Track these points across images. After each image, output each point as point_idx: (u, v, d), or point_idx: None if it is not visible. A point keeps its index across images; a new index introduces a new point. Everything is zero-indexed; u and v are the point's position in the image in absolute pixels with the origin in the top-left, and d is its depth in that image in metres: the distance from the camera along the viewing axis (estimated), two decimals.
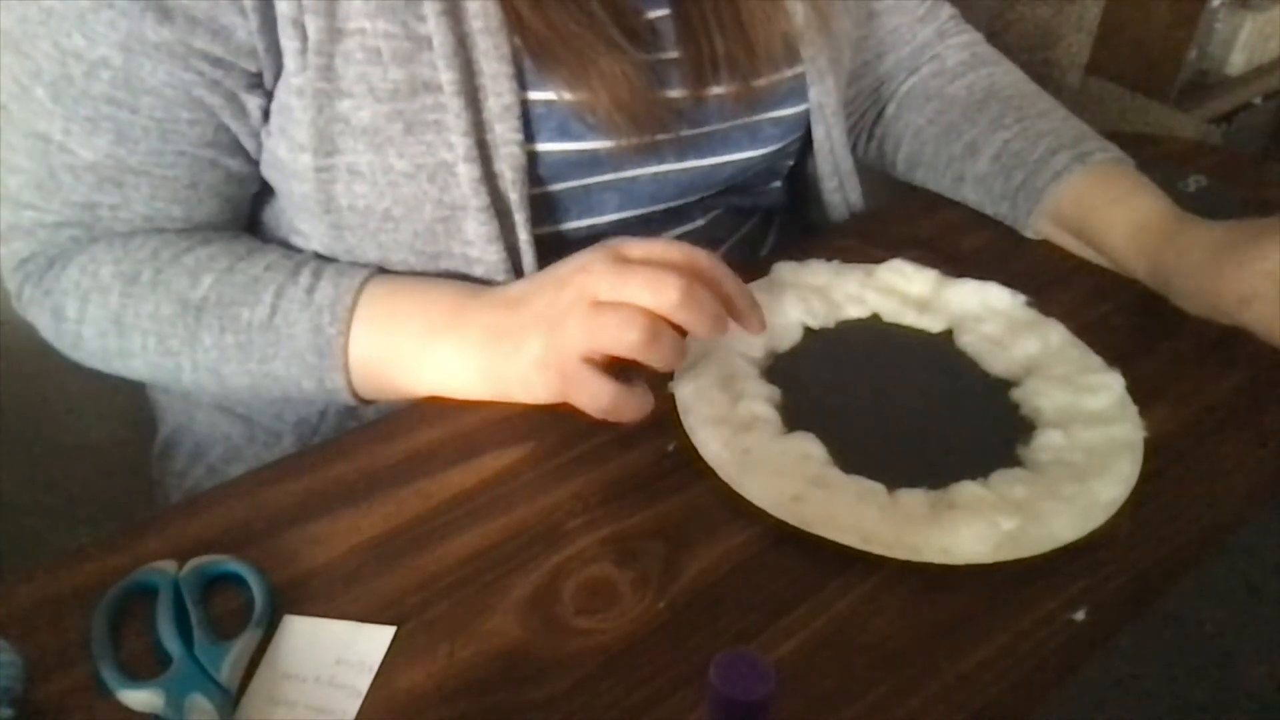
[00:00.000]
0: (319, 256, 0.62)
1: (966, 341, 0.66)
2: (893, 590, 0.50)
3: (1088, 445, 0.57)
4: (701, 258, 0.56)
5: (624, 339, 0.53)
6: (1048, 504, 0.53)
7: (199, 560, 0.49)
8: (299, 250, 0.64)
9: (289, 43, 0.56)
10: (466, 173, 0.59)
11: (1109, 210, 0.70)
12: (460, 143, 0.58)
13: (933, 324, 0.67)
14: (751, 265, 0.68)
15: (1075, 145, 0.74)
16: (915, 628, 0.48)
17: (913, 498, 0.53)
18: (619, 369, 0.55)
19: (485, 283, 0.62)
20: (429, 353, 0.58)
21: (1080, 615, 0.49)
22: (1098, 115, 0.86)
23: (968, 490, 0.54)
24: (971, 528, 0.51)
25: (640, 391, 0.55)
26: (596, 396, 0.54)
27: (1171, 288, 0.67)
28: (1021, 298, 0.68)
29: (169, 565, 0.48)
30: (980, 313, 0.67)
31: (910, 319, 0.67)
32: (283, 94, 0.59)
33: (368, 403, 0.61)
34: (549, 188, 0.64)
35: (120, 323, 0.61)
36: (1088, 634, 0.48)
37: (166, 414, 0.78)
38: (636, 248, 0.56)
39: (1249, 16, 1.69)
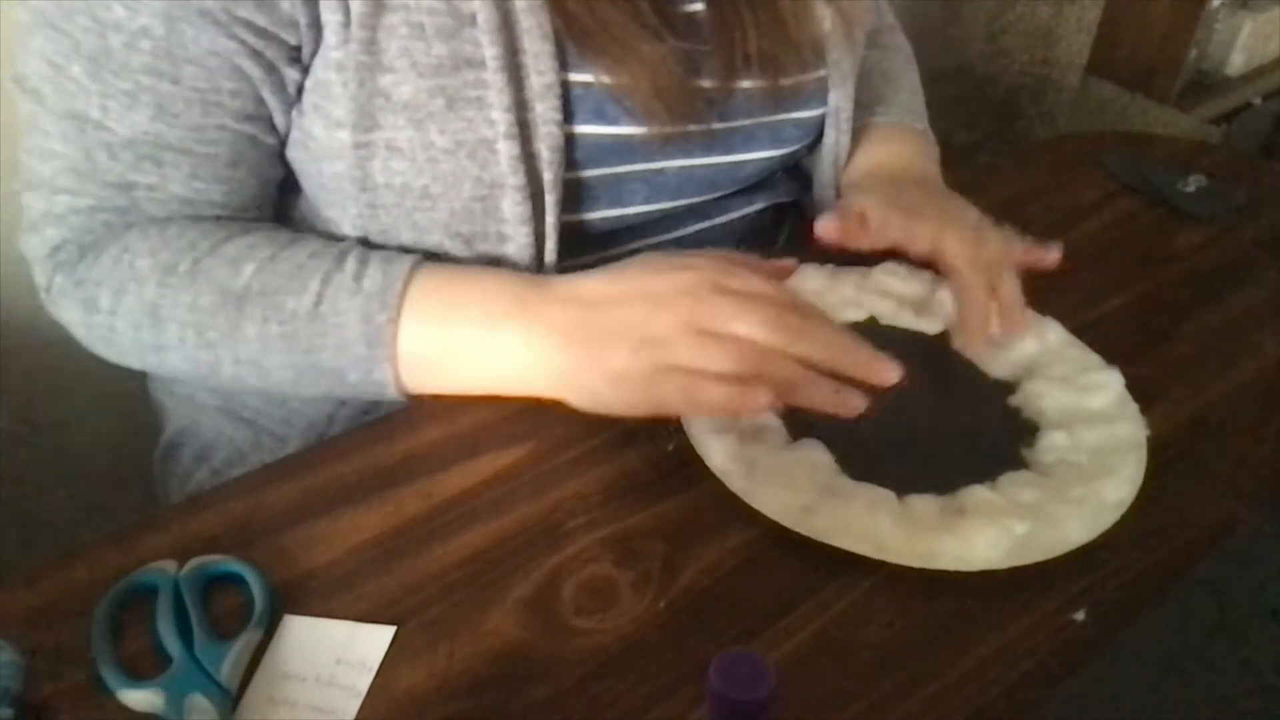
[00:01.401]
0: (363, 243, 0.61)
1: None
2: (892, 591, 0.50)
3: (1092, 446, 0.57)
4: (796, 297, 0.56)
5: (741, 365, 0.52)
6: (1058, 507, 0.53)
7: (199, 560, 0.49)
8: (338, 238, 0.63)
9: (331, 16, 0.56)
10: (506, 150, 0.59)
11: (854, 157, 0.78)
12: (502, 119, 0.58)
13: (930, 326, 0.67)
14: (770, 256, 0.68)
15: (885, 94, 0.81)
16: (915, 628, 0.48)
17: (923, 504, 0.53)
18: None
19: (514, 266, 0.62)
20: (490, 343, 0.56)
21: (1080, 615, 0.49)
22: (1098, 115, 0.86)
23: (977, 494, 0.54)
24: (985, 534, 0.51)
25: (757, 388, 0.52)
26: (713, 396, 0.52)
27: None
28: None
29: (169, 565, 0.48)
30: None
31: (907, 321, 0.67)
32: (320, 69, 0.58)
33: (410, 398, 0.59)
34: (582, 173, 0.64)
35: (157, 314, 0.59)
36: (1088, 634, 0.48)
37: (170, 416, 0.78)
38: (735, 280, 0.55)
39: (1249, 16, 1.69)
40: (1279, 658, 0.47)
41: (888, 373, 0.53)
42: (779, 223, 0.81)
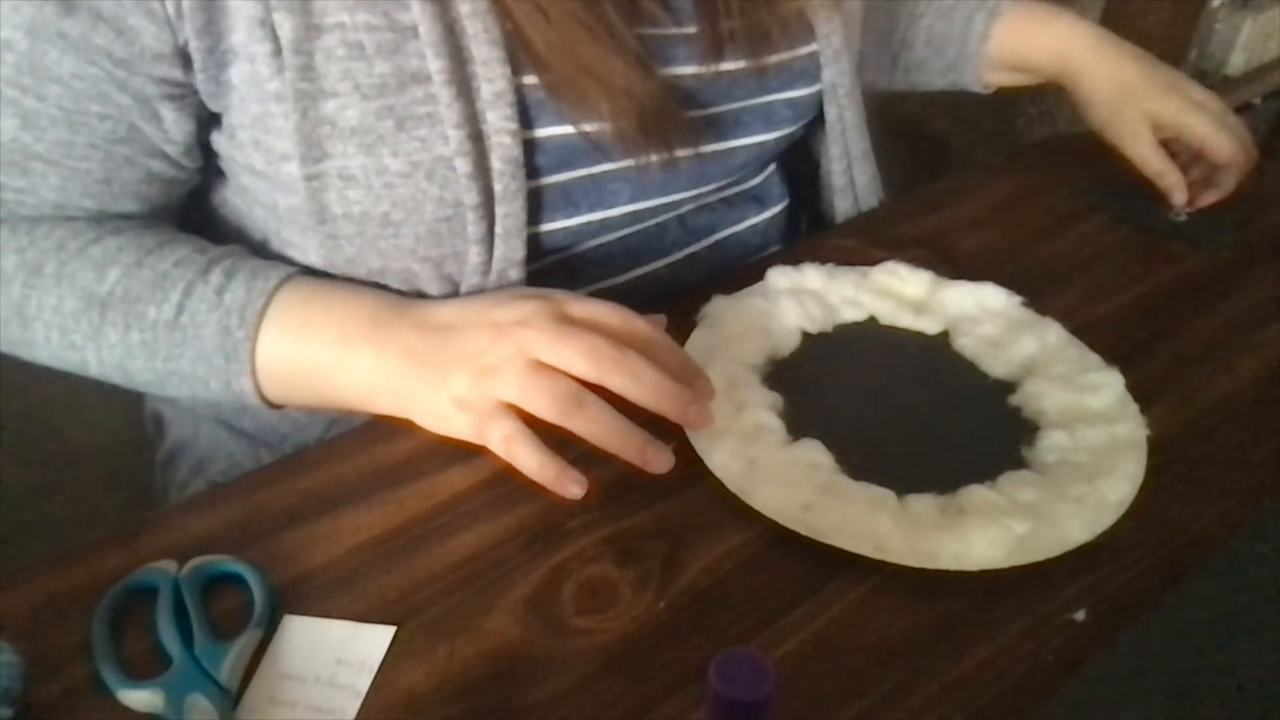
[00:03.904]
0: (234, 255, 0.59)
1: (964, 343, 0.66)
2: (892, 590, 0.50)
3: (1092, 445, 0.57)
4: (642, 327, 0.55)
5: (552, 406, 0.52)
6: (1058, 506, 0.53)
7: (199, 560, 0.49)
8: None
9: (257, 46, 0.54)
10: (461, 167, 0.57)
11: (1033, 39, 0.86)
12: (454, 135, 0.56)
13: (930, 325, 0.67)
14: (769, 255, 0.68)
15: (981, 5, 0.88)
16: (915, 628, 0.48)
17: (923, 503, 0.53)
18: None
19: (477, 287, 0.61)
20: (345, 362, 0.56)
21: (1080, 615, 0.49)
22: None
23: (977, 494, 0.54)
24: (984, 533, 0.51)
25: (574, 473, 0.53)
26: (526, 458, 0.53)
27: (1080, 105, 0.84)
28: (1017, 298, 0.68)
29: (169, 565, 0.48)
30: (977, 313, 0.67)
31: (907, 321, 0.67)
32: (254, 104, 0.56)
33: (278, 407, 0.59)
34: (556, 177, 0.62)
35: (23, 314, 0.59)
36: (1088, 634, 0.48)
37: (171, 427, 0.78)
38: (578, 306, 0.55)
39: (1249, 16, 1.69)
40: None
41: (698, 419, 0.55)
42: (778, 220, 0.81)
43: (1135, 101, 0.79)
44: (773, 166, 0.79)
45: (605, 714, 0.44)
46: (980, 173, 0.89)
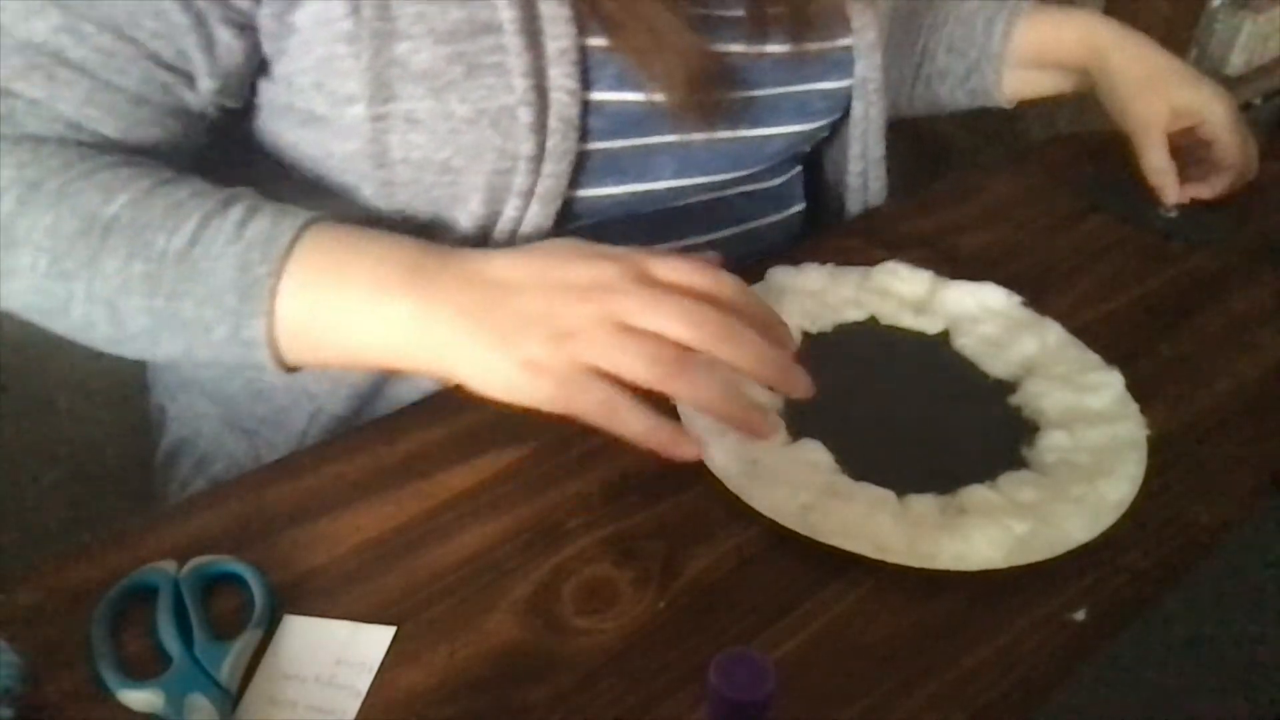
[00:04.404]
0: (255, 195, 0.55)
1: (964, 343, 0.66)
2: (892, 590, 0.50)
3: (1092, 445, 0.57)
4: (728, 286, 0.51)
5: (654, 368, 0.48)
6: (1058, 506, 0.53)
7: (199, 560, 0.49)
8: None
9: None
10: (524, 116, 0.57)
11: (1059, 33, 0.86)
12: (520, 84, 0.57)
13: (930, 326, 0.67)
14: (784, 251, 0.69)
15: (1001, 6, 0.88)
16: (915, 628, 0.48)
17: (923, 503, 0.53)
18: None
19: (509, 240, 0.60)
20: (379, 312, 0.51)
21: (1080, 615, 0.49)
22: (1098, 115, 0.86)
23: (977, 494, 0.54)
24: (984, 533, 0.51)
25: (686, 433, 0.50)
26: (634, 422, 0.49)
27: (1100, 92, 0.84)
28: (1017, 298, 0.68)
29: (169, 565, 0.48)
30: (977, 314, 0.67)
31: (907, 321, 0.67)
32: (319, 46, 0.56)
33: (285, 367, 0.54)
34: (605, 143, 0.63)
35: (11, 234, 0.52)
36: (1088, 634, 0.48)
37: (171, 424, 0.77)
38: (663, 267, 0.51)
39: (1249, 16, 1.69)
40: None
41: (800, 386, 0.51)
42: (797, 217, 0.81)
43: (1161, 89, 0.80)
44: (798, 169, 0.81)
45: (605, 714, 0.44)
46: (981, 173, 0.89)
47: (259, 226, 0.52)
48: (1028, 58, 0.88)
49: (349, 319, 0.52)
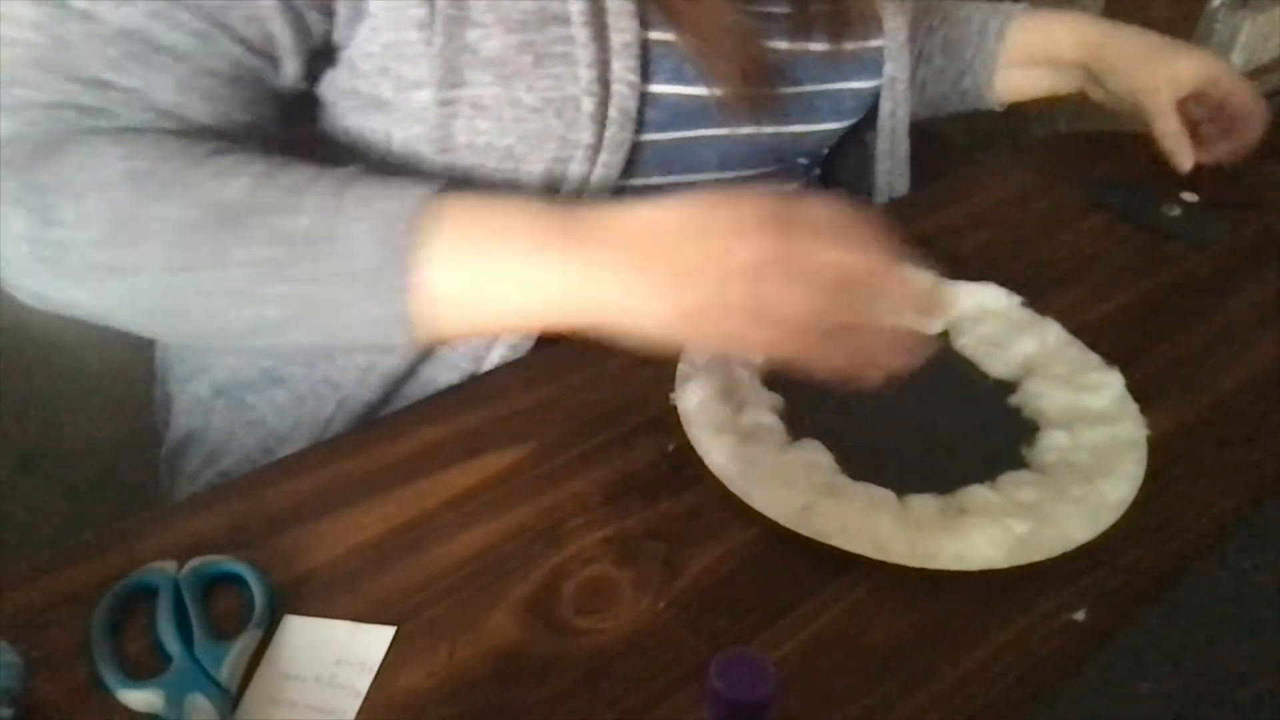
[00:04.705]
0: (368, 172, 0.53)
1: (964, 343, 0.66)
2: (893, 590, 0.50)
3: (1092, 445, 0.57)
4: (880, 265, 0.49)
5: (819, 300, 0.47)
6: (1058, 506, 0.53)
7: (199, 560, 0.49)
8: None
9: None
10: (587, 106, 0.59)
11: (1051, 30, 0.87)
12: (585, 75, 0.58)
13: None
14: None
15: (996, 9, 0.90)
16: (915, 628, 0.48)
17: (923, 503, 0.53)
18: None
19: None
20: (538, 275, 0.50)
21: (1080, 615, 0.49)
22: (1097, 115, 0.87)
23: (977, 494, 0.54)
24: (984, 533, 0.51)
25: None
26: (833, 354, 0.48)
27: (1103, 76, 0.85)
28: (1017, 298, 0.68)
29: (169, 565, 0.48)
30: (977, 314, 0.67)
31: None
32: (388, 31, 0.57)
33: (432, 342, 0.53)
34: (659, 135, 0.64)
35: (129, 228, 0.50)
36: (1088, 634, 0.48)
37: (180, 417, 0.77)
38: (806, 210, 0.49)
39: (1249, 16, 1.69)
40: None
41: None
42: None
43: (1162, 61, 0.82)
44: (816, 172, 0.82)
45: (605, 714, 0.44)
46: (981, 172, 0.89)
47: (389, 201, 0.50)
48: (1022, 57, 0.89)
49: (505, 285, 0.50)
